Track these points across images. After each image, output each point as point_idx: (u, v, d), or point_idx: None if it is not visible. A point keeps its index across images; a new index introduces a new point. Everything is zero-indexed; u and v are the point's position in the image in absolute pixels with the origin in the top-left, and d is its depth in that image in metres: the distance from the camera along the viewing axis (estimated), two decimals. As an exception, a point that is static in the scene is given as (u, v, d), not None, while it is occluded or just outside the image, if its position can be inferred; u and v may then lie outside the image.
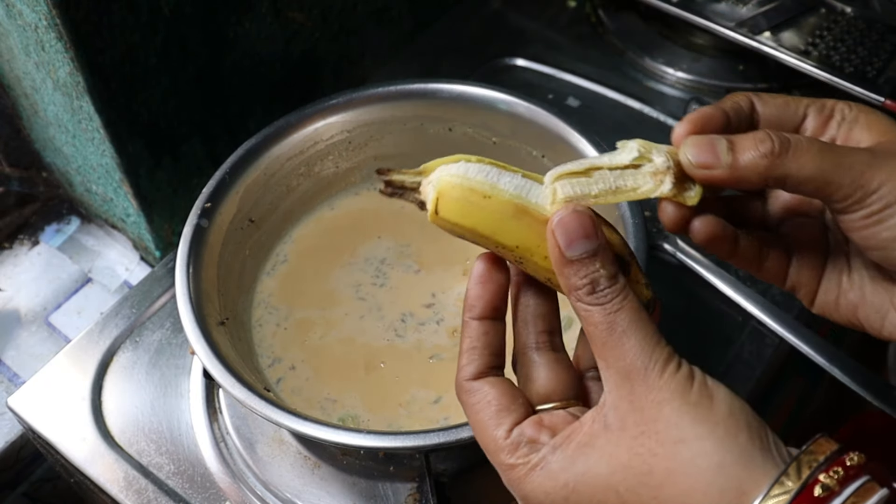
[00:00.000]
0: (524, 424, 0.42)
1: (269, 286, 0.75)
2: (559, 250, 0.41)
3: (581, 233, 0.41)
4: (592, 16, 1.07)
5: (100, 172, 0.81)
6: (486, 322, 0.45)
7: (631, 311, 0.40)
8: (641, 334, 0.40)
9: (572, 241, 0.41)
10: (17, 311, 0.87)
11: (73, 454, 0.71)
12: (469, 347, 0.45)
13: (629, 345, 0.40)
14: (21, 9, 0.67)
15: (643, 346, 0.40)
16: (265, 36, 0.83)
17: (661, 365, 0.40)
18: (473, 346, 0.44)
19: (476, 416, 0.43)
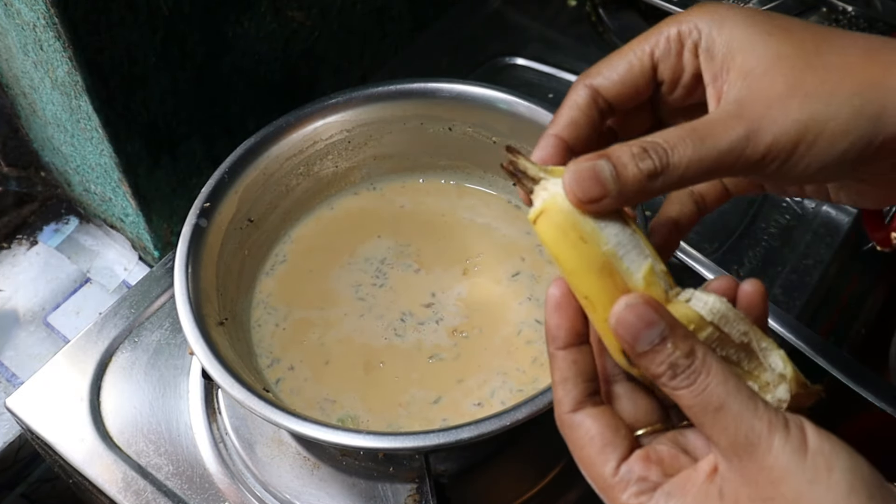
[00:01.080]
0: (631, 460, 0.41)
1: (269, 286, 0.75)
2: (629, 346, 0.39)
3: (643, 325, 0.38)
4: (592, 15, 1.07)
5: (98, 172, 0.81)
6: (573, 350, 0.43)
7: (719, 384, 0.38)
8: (737, 408, 0.37)
9: (637, 335, 0.39)
10: (16, 311, 0.86)
11: (71, 455, 0.71)
12: (561, 379, 0.42)
13: (727, 422, 0.37)
14: (19, 7, 0.67)
15: (741, 420, 0.37)
16: (264, 35, 0.83)
17: (766, 437, 0.37)
18: (565, 377, 0.42)
19: (581, 452, 0.42)
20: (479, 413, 0.66)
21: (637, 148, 0.39)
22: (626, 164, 0.39)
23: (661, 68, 0.44)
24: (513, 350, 0.70)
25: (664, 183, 0.39)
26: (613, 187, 0.39)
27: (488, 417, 0.57)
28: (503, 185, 0.80)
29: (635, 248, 0.41)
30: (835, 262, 0.83)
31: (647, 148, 0.39)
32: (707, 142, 0.39)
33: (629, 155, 0.39)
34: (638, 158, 0.39)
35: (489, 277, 0.75)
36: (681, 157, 0.39)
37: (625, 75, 0.44)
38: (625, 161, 0.39)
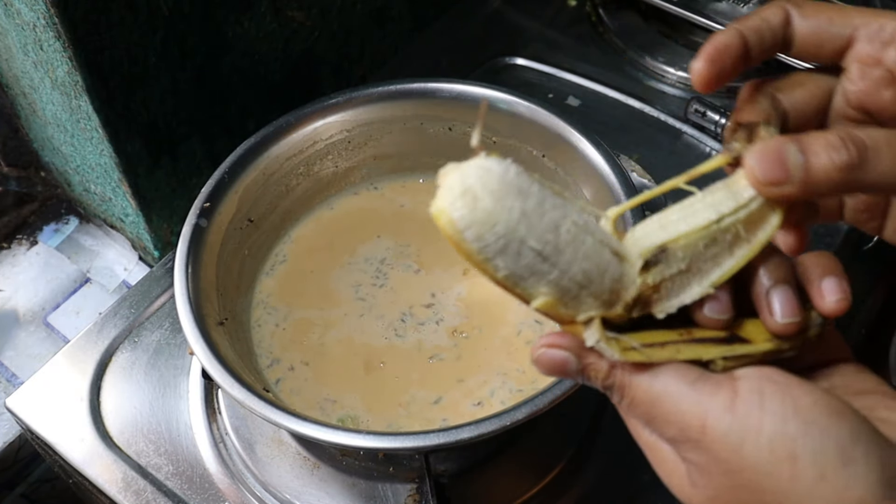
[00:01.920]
0: None
1: (269, 286, 0.75)
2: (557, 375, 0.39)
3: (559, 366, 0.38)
4: (593, 15, 1.07)
5: (98, 172, 0.81)
6: None
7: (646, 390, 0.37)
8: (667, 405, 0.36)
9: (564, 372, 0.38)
10: (16, 312, 0.86)
11: (71, 455, 0.71)
12: None
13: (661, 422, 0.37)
14: (19, 7, 0.67)
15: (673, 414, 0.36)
16: (264, 35, 0.83)
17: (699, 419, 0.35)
18: None
19: None
20: (478, 413, 0.66)
21: (834, 137, 0.36)
22: (819, 153, 0.35)
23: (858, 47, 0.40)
24: (513, 350, 0.70)
25: (855, 181, 0.36)
26: (797, 175, 0.35)
27: (488, 417, 0.57)
28: (503, 185, 0.80)
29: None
30: (835, 261, 0.83)
31: (846, 139, 0.35)
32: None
33: (824, 143, 0.35)
34: (832, 148, 0.35)
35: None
36: (882, 156, 0.35)
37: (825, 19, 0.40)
38: (817, 149, 0.35)
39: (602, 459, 0.70)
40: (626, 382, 0.37)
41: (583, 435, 0.71)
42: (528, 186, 0.35)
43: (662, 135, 0.93)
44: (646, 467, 0.40)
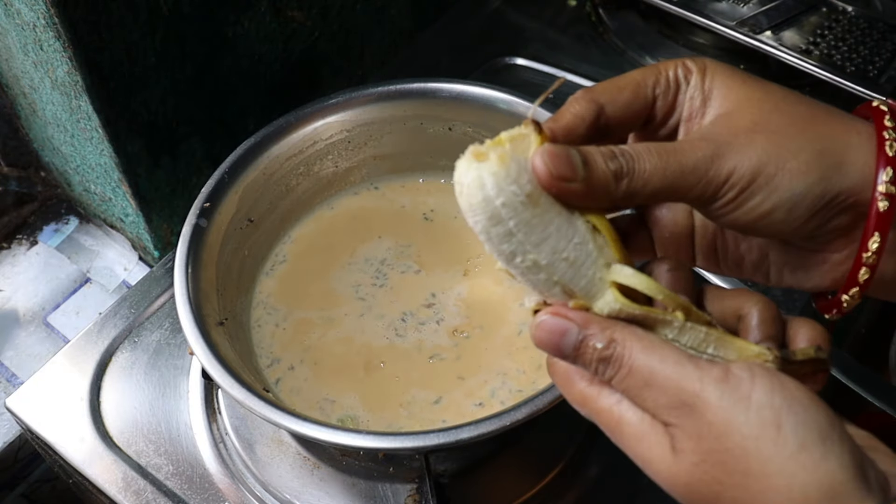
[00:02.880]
0: None
1: (269, 286, 0.75)
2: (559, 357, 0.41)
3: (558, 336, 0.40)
4: (592, 15, 1.07)
5: (98, 172, 0.81)
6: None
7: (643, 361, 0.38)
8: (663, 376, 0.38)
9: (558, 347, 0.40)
10: (16, 311, 0.86)
11: (71, 455, 0.71)
12: None
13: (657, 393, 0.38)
14: (19, 7, 0.67)
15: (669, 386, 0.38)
16: (264, 35, 0.83)
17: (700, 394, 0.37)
18: None
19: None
20: (479, 413, 0.66)
21: (606, 150, 0.41)
22: (596, 160, 0.40)
23: (658, 104, 0.45)
24: (513, 351, 0.70)
25: (628, 187, 0.40)
26: (581, 174, 0.40)
27: (488, 417, 0.57)
28: (503, 185, 0.80)
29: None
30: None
31: (616, 152, 0.41)
32: (672, 157, 0.41)
33: (599, 153, 0.40)
34: (607, 157, 0.40)
35: (490, 278, 0.75)
36: (645, 165, 0.40)
37: (631, 102, 0.45)
38: (595, 157, 0.40)
39: (602, 459, 0.70)
40: (625, 353, 0.39)
41: (583, 435, 0.71)
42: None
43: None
44: (646, 467, 0.40)
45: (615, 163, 0.40)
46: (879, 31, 0.94)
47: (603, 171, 0.40)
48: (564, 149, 0.40)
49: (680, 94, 0.45)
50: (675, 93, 0.45)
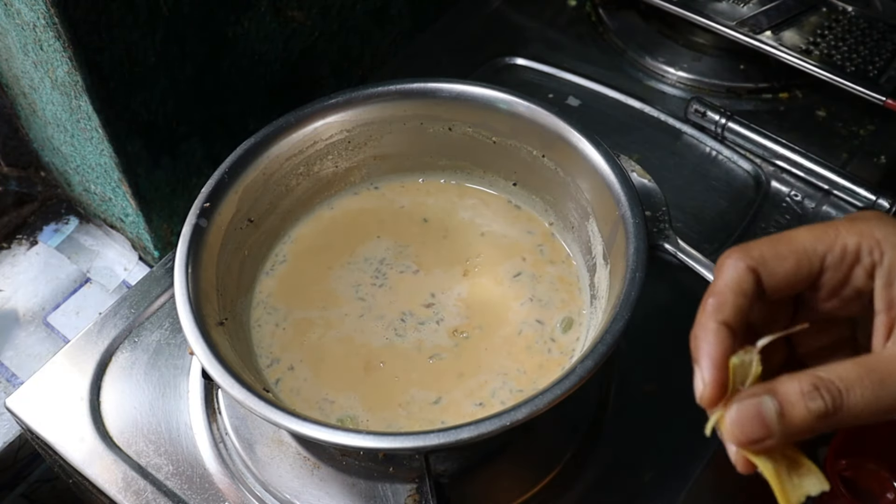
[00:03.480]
0: None
1: (269, 286, 0.75)
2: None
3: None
4: (592, 15, 1.07)
5: (98, 172, 0.81)
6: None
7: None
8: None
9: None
10: (16, 311, 0.86)
11: (71, 455, 0.71)
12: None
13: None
14: (19, 7, 0.67)
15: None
16: (264, 35, 0.83)
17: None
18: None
19: None
20: (479, 413, 0.66)
21: (808, 385, 0.37)
22: (795, 405, 0.37)
23: (827, 276, 0.41)
24: (513, 350, 0.70)
25: (834, 425, 0.37)
26: (777, 429, 0.37)
27: (488, 417, 0.57)
28: (503, 185, 0.80)
29: None
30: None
31: (819, 386, 0.37)
32: (887, 384, 0.37)
33: (798, 393, 0.37)
34: (808, 398, 0.37)
35: (490, 278, 0.75)
36: (857, 400, 0.37)
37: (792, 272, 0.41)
38: (793, 400, 0.37)
39: (602, 459, 0.70)
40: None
41: (583, 435, 0.71)
42: None
43: (662, 135, 0.93)
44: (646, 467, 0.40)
45: (818, 403, 0.37)
46: (879, 31, 0.94)
47: (803, 418, 0.37)
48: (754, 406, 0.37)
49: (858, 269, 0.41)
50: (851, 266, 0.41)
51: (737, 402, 0.38)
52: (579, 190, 0.73)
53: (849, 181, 0.86)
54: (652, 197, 0.83)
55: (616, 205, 0.68)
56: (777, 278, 0.40)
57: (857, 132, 0.92)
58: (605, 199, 0.69)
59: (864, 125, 0.92)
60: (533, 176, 0.77)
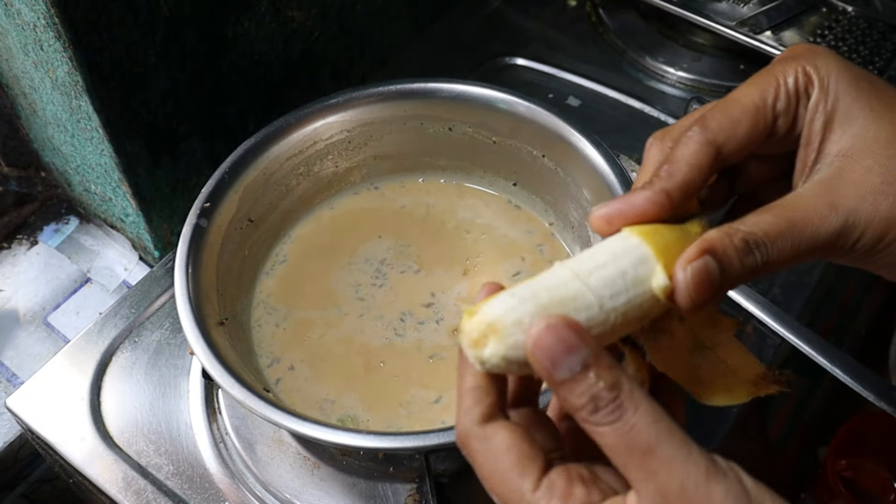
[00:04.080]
0: (553, 474, 0.37)
1: (269, 286, 0.75)
2: (546, 372, 0.35)
3: (562, 349, 0.35)
4: (592, 15, 1.07)
5: (98, 172, 0.81)
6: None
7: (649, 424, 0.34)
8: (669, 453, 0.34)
9: (556, 360, 0.35)
10: (16, 311, 0.86)
11: (71, 455, 0.71)
12: (472, 387, 0.38)
13: (656, 467, 0.34)
14: (19, 8, 0.67)
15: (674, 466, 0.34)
16: (264, 35, 0.83)
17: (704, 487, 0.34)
18: (477, 384, 0.38)
19: (493, 466, 0.37)
20: (479, 413, 0.66)
21: (740, 241, 0.38)
22: (732, 261, 0.38)
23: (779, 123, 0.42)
24: (513, 350, 0.70)
25: (760, 275, 0.39)
26: (719, 284, 0.38)
27: (488, 417, 0.57)
28: (503, 185, 0.80)
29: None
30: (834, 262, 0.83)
31: (750, 242, 0.38)
32: (805, 234, 0.39)
33: (734, 250, 0.38)
34: (742, 254, 0.38)
35: (489, 277, 0.75)
36: (780, 251, 0.39)
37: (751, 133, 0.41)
38: (731, 257, 0.38)
39: (602, 459, 0.70)
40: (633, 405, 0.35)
41: (583, 435, 0.71)
42: None
43: (662, 135, 0.93)
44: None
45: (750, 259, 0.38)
46: (879, 31, 0.94)
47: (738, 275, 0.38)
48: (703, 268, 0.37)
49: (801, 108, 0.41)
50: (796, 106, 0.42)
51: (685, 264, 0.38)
52: (579, 190, 0.73)
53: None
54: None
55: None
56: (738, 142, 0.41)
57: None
58: (605, 199, 0.69)
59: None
60: (533, 176, 0.77)
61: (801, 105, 0.42)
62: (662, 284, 0.38)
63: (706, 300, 0.38)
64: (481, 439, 0.38)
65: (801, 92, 0.41)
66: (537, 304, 0.36)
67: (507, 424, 0.38)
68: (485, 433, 0.38)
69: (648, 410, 0.34)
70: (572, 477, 0.37)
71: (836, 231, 0.39)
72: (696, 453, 0.34)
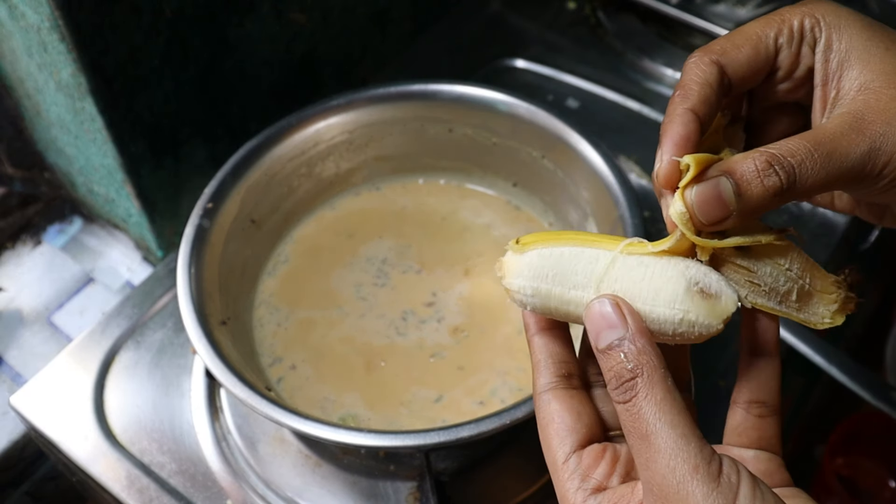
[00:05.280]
0: (584, 452, 0.40)
1: (271, 286, 0.76)
2: (592, 339, 0.39)
3: (605, 323, 0.38)
4: (592, 17, 1.07)
5: (102, 173, 0.82)
6: (546, 334, 0.43)
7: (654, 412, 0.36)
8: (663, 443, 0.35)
9: (598, 331, 0.38)
10: (20, 311, 0.87)
11: (75, 453, 0.71)
12: (535, 362, 0.43)
13: (650, 454, 0.35)
14: (24, 10, 0.68)
15: (662, 456, 0.35)
16: (266, 37, 0.83)
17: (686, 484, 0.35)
18: (538, 359, 0.42)
19: (542, 433, 0.42)
20: (479, 412, 0.67)
21: (762, 162, 0.38)
22: (751, 182, 0.38)
23: (780, 57, 0.43)
24: (514, 349, 0.71)
25: (787, 199, 0.39)
26: (736, 207, 0.38)
27: (488, 416, 0.57)
28: (503, 185, 0.81)
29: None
30: (831, 261, 0.83)
31: (773, 163, 0.38)
32: (834, 158, 0.39)
33: (753, 171, 0.38)
34: (763, 175, 0.38)
35: (490, 277, 0.76)
36: (808, 173, 0.38)
37: (752, 58, 0.43)
38: (749, 178, 0.38)
39: (601, 458, 0.71)
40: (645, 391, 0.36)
41: (582, 433, 0.72)
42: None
43: (661, 136, 0.93)
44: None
45: (773, 179, 0.38)
46: (876, 34, 0.94)
47: (760, 196, 0.38)
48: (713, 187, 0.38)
49: (805, 46, 0.43)
50: (799, 43, 0.43)
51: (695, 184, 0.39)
52: (578, 190, 0.73)
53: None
54: (650, 197, 0.83)
55: (615, 205, 0.68)
56: (739, 65, 0.42)
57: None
58: (604, 200, 0.70)
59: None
60: (533, 177, 0.78)
61: (804, 44, 0.43)
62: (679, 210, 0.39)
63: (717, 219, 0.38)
64: (539, 407, 0.42)
65: (805, 32, 0.42)
66: None
67: (560, 395, 0.42)
68: (541, 401, 0.42)
69: (659, 400, 0.36)
70: (603, 457, 0.40)
71: (865, 154, 0.39)
72: (692, 450, 0.35)
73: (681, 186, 0.39)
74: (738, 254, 0.40)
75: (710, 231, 0.39)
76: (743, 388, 0.42)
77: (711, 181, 0.39)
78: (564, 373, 0.42)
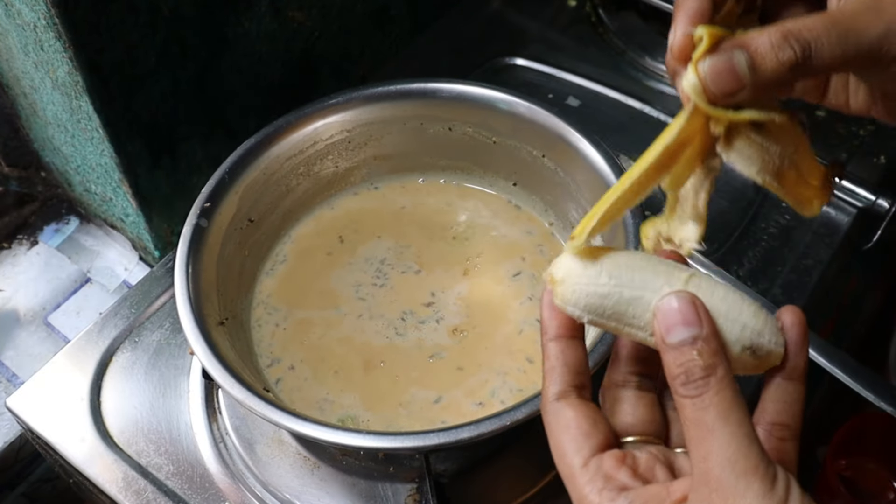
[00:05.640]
0: (605, 456, 0.40)
1: (269, 286, 0.75)
2: (659, 334, 0.39)
3: (681, 320, 0.38)
4: (592, 15, 1.07)
5: (99, 172, 0.81)
6: (562, 341, 0.43)
7: (724, 409, 0.37)
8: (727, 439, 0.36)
9: (670, 328, 0.39)
10: (16, 311, 0.87)
11: (71, 454, 0.71)
12: (549, 368, 0.43)
13: (711, 447, 0.36)
14: (20, 8, 0.67)
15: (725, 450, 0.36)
16: (264, 35, 0.83)
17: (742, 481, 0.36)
18: (552, 366, 0.43)
19: (555, 440, 0.41)
20: (479, 413, 0.66)
21: (777, 37, 0.38)
22: (765, 56, 0.38)
23: None
24: (513, 350, 0.71)
25: (802, 74, 0.39)
26: (749, 80, 0.38)
27: (488, 417, 0.57)
28: (503, 185, 0.80)
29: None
30: (834, 262, 0.83)
31: (789, 37, 0.38)
32: (850, 37, 0.39)
33: (768, 45, 0.38)
34: (777, 48, 0.38)
35: (490, 277, 0.75)
36: (823, 49, 0.38)
37: None
38: (763, 52, 0.38)
39: (602, 459, 0.70)
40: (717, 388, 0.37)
41: (583, 435, 0.71)
42: None
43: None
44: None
45: (788, 53, 0.38)
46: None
47: (774, 69, 0.38)
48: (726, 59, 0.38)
49: None
50: None
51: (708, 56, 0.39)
52: (579, 190, 0.73)
53: (848, 181, 0.86)
54: (651, 197, 0.83)
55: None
56: None
57: (856, 132, 0.92)
58: (605, 199, 0.69)
59: (864, 125, 0.93)
60: (533, 176, 0.77)
61: None
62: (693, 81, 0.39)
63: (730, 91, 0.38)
64: (551, 414, 0.42)
65: None
66: None
67: (575, 403, 0.41)
68: (554, 409, 0.42)
69: (730, 399, 0.37)
70: (624, 462, 0.40)
71: (881, 35, 0.39)
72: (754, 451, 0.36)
73: (694, 58, 0.39)
74: (753, 129, 0.40)
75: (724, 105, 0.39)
76: (767, 408, 0.42)
77: (725, 53, 0.38)
78: (577, 384, 0.42)
